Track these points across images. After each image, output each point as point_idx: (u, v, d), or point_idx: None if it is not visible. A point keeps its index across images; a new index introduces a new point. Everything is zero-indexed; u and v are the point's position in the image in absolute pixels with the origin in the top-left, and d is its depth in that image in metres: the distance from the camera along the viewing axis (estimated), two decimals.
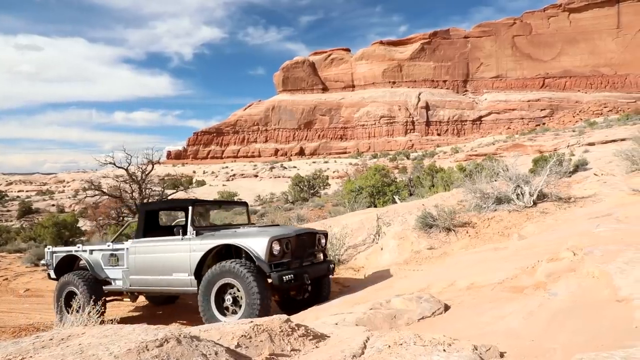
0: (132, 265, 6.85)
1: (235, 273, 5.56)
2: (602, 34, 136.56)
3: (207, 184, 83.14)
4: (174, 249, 6.39)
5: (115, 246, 7.33)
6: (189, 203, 6.72)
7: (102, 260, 7.45)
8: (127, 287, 6.99)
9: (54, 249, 8.25)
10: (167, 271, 6.37)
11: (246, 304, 5.44)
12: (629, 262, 3.50)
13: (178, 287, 6.33)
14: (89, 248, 7.72)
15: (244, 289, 5.49)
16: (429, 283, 5.19)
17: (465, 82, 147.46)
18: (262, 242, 5.74)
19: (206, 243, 6.09)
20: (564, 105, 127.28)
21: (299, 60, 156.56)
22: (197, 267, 6.02)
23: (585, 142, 52.40)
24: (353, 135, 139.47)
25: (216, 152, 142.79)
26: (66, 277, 7.47)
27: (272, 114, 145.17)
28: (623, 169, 12.77)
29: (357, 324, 3.42)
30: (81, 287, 7.16)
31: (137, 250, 6.83)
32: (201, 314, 5.75)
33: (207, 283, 5.71)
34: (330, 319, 3.73)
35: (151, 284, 6.65)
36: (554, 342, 2.48)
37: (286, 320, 2.39)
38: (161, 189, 25.63)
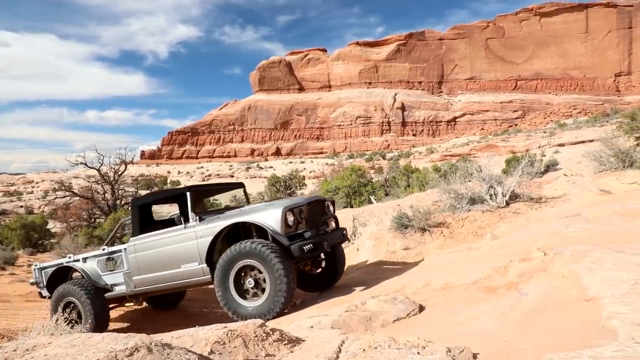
0: (134, 266, 6.36)
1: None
2: (571, 38, 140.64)
3: (182, 184, 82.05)
4: (178, 239, 5.95)
5: (111, 249, 6.85)
6: (186, 189, 6.29)
7: (98, 267, 6.90)
8: (131, 291, 6.51)
9: (41, 265, 7.59)
10: (174, 264, 5.93)
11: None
12: (596, 261, 3.60)
13: (188, 280, 5.93)
14: (81, 257, 7.15)
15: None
16: (405, 284, 5.24)
17: (440, 84, 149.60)
18: (275, 213, 5.42)
19: (214, 226, 5.67)
20: (536, 107, 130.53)
21: (275, 60, 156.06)
22: (207, 253, 5.63)
23: (555, 143, 53.79)
24: (329, 136, 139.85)
25: (191, 152, 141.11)
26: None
27: (248, 114, 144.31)
28: (591, 169, 13.15)
29: (333, 326, 3.42)
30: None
31: (137, 249, 6.33)
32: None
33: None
34: (306, 321, 3.72)
35: (158, 281, 6.17)
36: (525, 342, 2.52)
37: (261, 324, 2.37)
38: (134, 189, 25.16)
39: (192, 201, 6.07)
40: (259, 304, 5.20)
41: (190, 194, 6.11)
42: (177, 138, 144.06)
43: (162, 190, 7.37)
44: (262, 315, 4.98)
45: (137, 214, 6.60)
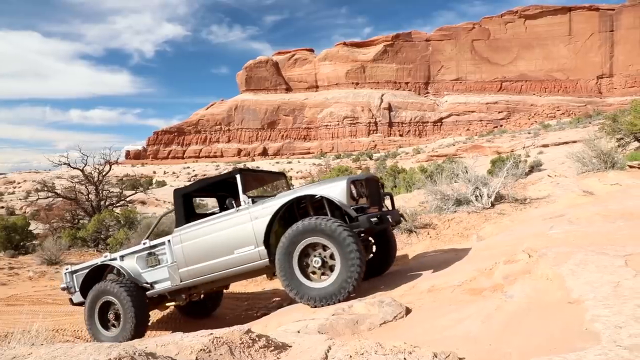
0: (180, 257, 5.95)
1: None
2: (555, 41, 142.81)
3: (168, 184, 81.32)
4: (230, 224, 5.60)
5: (152, 243, 6.39)
6: (235, 172, 5.97)
7: (138, 264, 6.45)
8: (176, 285, 6.05)
9: (74, 268, 6.99)
10: (227, 251, 5.58)
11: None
12: (579, 263, 3.64)
13: (243, 266, 5.54)
14: (118, 254, 6.66)
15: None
16: (391, 286, 5.25)
17: (426, 84, 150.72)
18: (340, 185, 5.17)
19: (271, 205, 5.35)
20: (520, 108, 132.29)
21: (262, 59, 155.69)
22: (265, 234, 5.31)
23: (539, 143, 54.58)
24: (316, 136, 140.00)
25: (177, 152, 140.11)
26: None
27: (235, 114, 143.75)
28: (574, 170, 13.36)
29: (320, 331, 3.42)
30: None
31: (184, 238, 5.95)
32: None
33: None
34: (292, 326, 3.70)
35: (207, 271, 5.77)
36: (510, 346, 2.54)
37: (247, 331, 2.35)
38: (119, 190, 24.87)
39: (242, 183, 5.79)
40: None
41: (240, 176, 5.86)
42: (162, 138, 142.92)
43: (206, 178, 6.78)
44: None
45: (182, 204, 6.23)
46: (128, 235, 15.60)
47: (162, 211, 43.20)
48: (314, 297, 4.82)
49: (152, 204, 50.96)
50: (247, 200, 5.62)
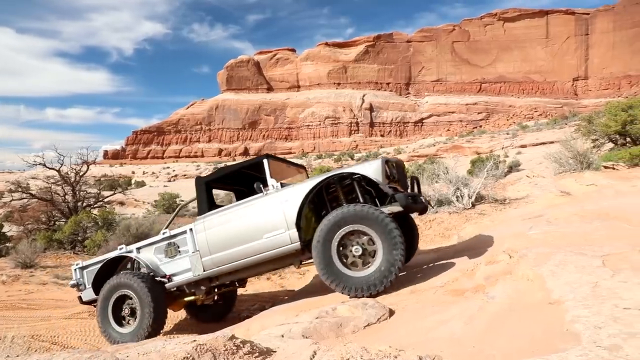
0: (204, 245, 5.69)
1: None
2: (532, 43, 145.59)
3: (147, 184, 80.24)
4: (259, 208, 5.42)
5: (172, 232, 6.09)
6: (263, 158, 5.79)
7: (156, 256, 6.14)
8: (199, 275, 5.78)
9: (84, 263, 6.61)
10: (255, 236, 5.37)
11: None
12: (559, 264, 3.70)
13: (272, 251, 5.33)
14: (134, 247, 6.32)
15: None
16: None
17: (407, 85, 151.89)
18: (375, 164, 5.05)
19: (303, 186, 5.19)
20: (499, 109, 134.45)
21: (243, 59, 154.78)
22: (297, 216, 5.12)
23: (518, 144, 55.54)
24: (298, 136, 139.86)
25: (157, 152, 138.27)
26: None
27: (215, 113, 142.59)
28: (552, 170, 13.62)
29: (304, 334, 3.40)
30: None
31: (208, 226, 5.70)
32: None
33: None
34: (276, 329, 3.68)
35: (235, 257, 5.52)
36: (493, 347, 2.57)
37: (231, 337, 2.32)
38: (97, 190, 24.41)
39: (269, 168, 5.65)
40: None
41: (267, 161, 5.72)
42: (142, 137, 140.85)
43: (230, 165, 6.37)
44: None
45: (204, 191, 5.99)
46: (106, 237, 15.33)
47: (141, 212, 42.40)
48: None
49: (131, 205, 50.17)
50: (275, 184, 5.48)
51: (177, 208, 7.32)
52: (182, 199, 42.81)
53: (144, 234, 13.59)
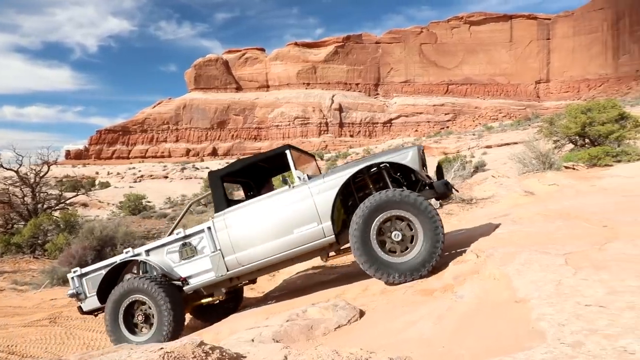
0: (227, 243, 5.35)
1: (408, 202, 4.61)
2: (497, 46, 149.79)
3: (112, 185, 78.17)
4: (287, 202, 5.16)
5: (187, 232, 5.68)
6: (285, 148, 5.50)
7: (169, 258, 5.74)
8: (222, 275, 5.44)
9: (83, 270, 6.10)
10: (284, 231, 5.13)
11: (425, 238, 4.60)
12: (524, 263, 3.79)
13: (305, 245, 5.13)
14: (143, 249, 5.89)
15: (421, 222, 4.59)
16: (344, 288, 5.27)
17: (376, 86, 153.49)
18: (412, 151, 4.97)
19: (336, 177, 5.00)
20: (465, 111, 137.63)
21: (212, 58, 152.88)
22: (332, 209, 4.94)
23: (483, 144, 56.91)
24: (267, 136, 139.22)
25: (122, 152, 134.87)
26: (128, 283, 5.56)
27: (183, 113, 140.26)
28: (516, 170, 14.00)
29: (274, 338, 3.36)
30: (156, 292, 5.34)
31: (230, 223, 5.37)
32: (360, 260, 4.74)
33: (364, 221, 4.67)
34: (246, 334, 3.63)
35: (262, 255, 5.25)
36: (462, 347, 2.60)
37: (200, 344, 2.26)
38: (58, 192, 23.59)
39: (292, 159, 5.40)
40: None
41: (290, 151, 5.43)
42: (106, 137, 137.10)
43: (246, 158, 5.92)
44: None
45: (221, 186, 5.63)
46: (69, 240, 14.84)
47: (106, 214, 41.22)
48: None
49: (95, 207, 48.78)
50: (302, 176, 5.28)
51: (188, 205, 6.93)
52: (148, 200, 41.94)
53: (108, 236, 13.22)
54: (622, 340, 2.16)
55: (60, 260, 12.54)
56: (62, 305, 9.33)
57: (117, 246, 12.87)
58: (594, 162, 12.36)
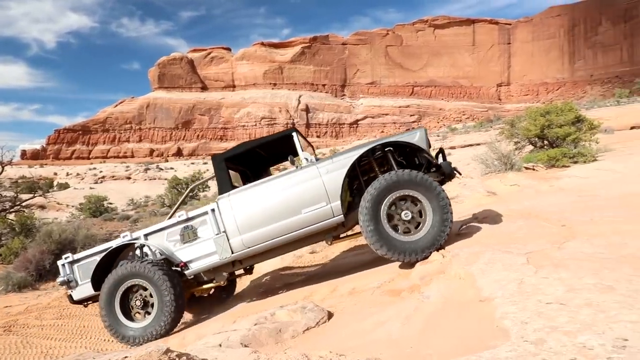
0: (233, 225, 5.26)
1: (418, 182, 4.72)
2: (460, 50, 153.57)
3: (72, 186, 75.54)
4: (295, 182, 5.17)
5: (189, 215, 5.50)
6: (291, 131, 5.55)
7: (169, 242, 5.54)
8: (226, 258, 5.32)
9: (75, 257, 5.82)
10: (293, 211, 5.11)
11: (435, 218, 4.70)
12: (488, 262, 3.88)
13: (313, 225, 5.12)
14: (142, 233, 5.64)
15: (430, 201, 4.70)
16: (313, 290, 5.26)
17: (343, 87, 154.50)
18: (420, 133, 5.13)
19: (344, 157, 5.07)
20: (430, 112, 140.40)
21: (176, 56, 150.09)
22: (342, 188, 5.01)
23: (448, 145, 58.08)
24: (234, 136, 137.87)
25: (82, 152, 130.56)
26: (126, 267, 5.31)
27: (146, 112, 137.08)
28: (479, 171, 14.35)
29: (242, 342, 3.31)
30: (155, 274, 5.15)
31: (235, 203, 5.29)
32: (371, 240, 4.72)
33: (374, 200, 4.72)
34: (213, 339, 3.56)
35: (269, 236, 5.18)
36: (429, 347, 2.63)
37: (165, 351, 2.20)
38: (14, 193, 22.61)
39: (299, 140, 5.47)
40: (419, 237, 4.75)
41: (295, 135, 5.50)
42: (65, 136, 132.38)
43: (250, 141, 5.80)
44: (425, 250, 4.66)
45: (224, 168, 5.53)
46: (25, 244, 14.24)
47: (65, 216, 39.79)
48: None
49: (53, 209, 46.99)
50: (309, 157, 5.32)
51: (188, 188, 6.69)
52: (110, 201, 40.76)
53: (68, 240, 12.77)
54: (581, 337, 2.24)
55: (16, 266, 12.04)
56: (17, 313, 8.94)
57: (77, 250, 12.43)
58: (552, 163, 12.80)
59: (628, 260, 3.42)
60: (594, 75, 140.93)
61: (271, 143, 5.81)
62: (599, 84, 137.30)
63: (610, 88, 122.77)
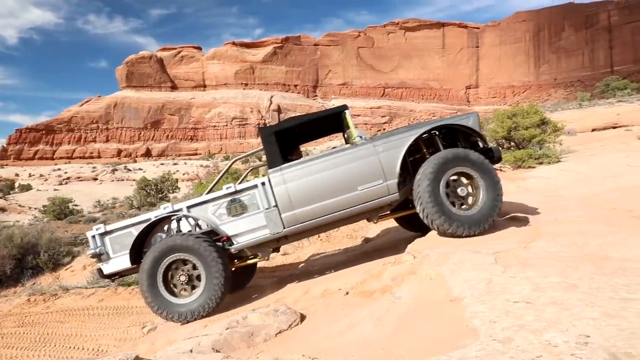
0: (286, 199, 5.19)
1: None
2: (430, 52, 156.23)
3: (35, 188, 72.98)
4: (351, 159, 5.22)
5: (238, 187, 5.32)
6: (343, 108, 5.63)
7: (214, 215, 5.31)
8: (278, 232, 5.24)
9: (108, 228, 5.46)
10: (349, 187, 5.15)
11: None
12: (457, 263, 3.95)
13: (367, 203, 5.19)
14: (184, 205, 5.36)
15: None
16: (285, 292, 5.24)
17: (315, 88, 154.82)
18: (472, 117, 5.44)
19: (402, 137, 5.22)
20: (401, 113, 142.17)
21: (145, 55, 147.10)
22: (401, 166, 5.16)
23: None
24: (204, 137, 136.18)
25: (46, 152, 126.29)
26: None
27: (114, 112, 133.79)
28: None
29: (214, 347, 3.27)
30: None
31: (289, 178, 5.23)
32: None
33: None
34: (184, 344, 3.49)
35: (322, 212, 5.17)
36: (402, 348, 2.66)
37: (135, 358, 2.14)
38: None
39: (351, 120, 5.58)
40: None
41: (347, 112, 5.61)
42: (27, 136, 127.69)
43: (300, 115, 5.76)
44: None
45: (275, 142, 5.41)
46: None
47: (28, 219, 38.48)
48: (465, 225, 4.83)
49: (15, 211, 45.35)
50: (364, 135, 5.39)
51: (231, 161, 6.42)
52: (75, 203, 39.59)
53: (30, 243, 12.32)
54: (547, 334, 2.30)
55: None
56: None
57: (40, 254, 12.03)
58: (518, 164, 13.16)
59: (590, 259, 3.54)
60: (557, 79, 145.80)
61: (321, 119, 5.88)
62: (562, 87, 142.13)
63: (573, 91, 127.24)
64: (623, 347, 2.04)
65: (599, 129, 26.13)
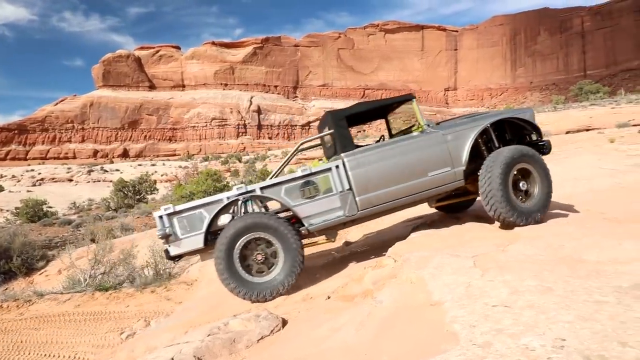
0: (361, 183, 5.33)
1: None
2: (410, 54, 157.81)
3: (7, 189, 71.01)
4: (421, 146, 5.51)
5: (313, 169, 5.39)
6: (410, 97, 5.94)
7: (287, 197, 5.33)
8: (352, 215, 5.34)
9: (176, 208, 5.31)
10: (420, 173, 5.43)
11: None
12: (437, 266, 4.00)
13: (436, 188, 5.51)
14: (257, 186, 5.33)
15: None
16: None
17: (295, 89, 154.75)
18: (530, 111, 5.96)
19: (470, 127, 5.61)
20: None
21: (122, 54, 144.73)
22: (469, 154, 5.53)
23: None
24: (183, 137, 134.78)
25: (18, 153, 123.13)
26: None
27: (90, 111, 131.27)
28: None
29: (196, 355, 3.24)
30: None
31: (363, 162, 5.37)
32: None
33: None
34: (165, 352, 3.45)
35: (394, 196, 5.41)
36: (383, 352, 2.69)
37: None
38: None
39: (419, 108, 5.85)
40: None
41: (415, 101, 5.88)
42: None
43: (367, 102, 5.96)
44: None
45: (346, 126, 5.62)
46: None
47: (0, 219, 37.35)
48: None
49: None
50: (431, 124, 5.71)
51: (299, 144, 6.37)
52: (50, 205, 38.69)
53: (3, 247, 12.02)
54: (524, 338, 2.36)
55: None
56: None
57: (12, 258, 11.73)
58: None
59: (565, 262, 3.63)
60: (533, 82, 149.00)
61: (389, 106, 6.34)
62: (537, 90, 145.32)
63: (548, 94, 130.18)
64: (597, 350, 2.11)
65: (573, 132, 26.81)
